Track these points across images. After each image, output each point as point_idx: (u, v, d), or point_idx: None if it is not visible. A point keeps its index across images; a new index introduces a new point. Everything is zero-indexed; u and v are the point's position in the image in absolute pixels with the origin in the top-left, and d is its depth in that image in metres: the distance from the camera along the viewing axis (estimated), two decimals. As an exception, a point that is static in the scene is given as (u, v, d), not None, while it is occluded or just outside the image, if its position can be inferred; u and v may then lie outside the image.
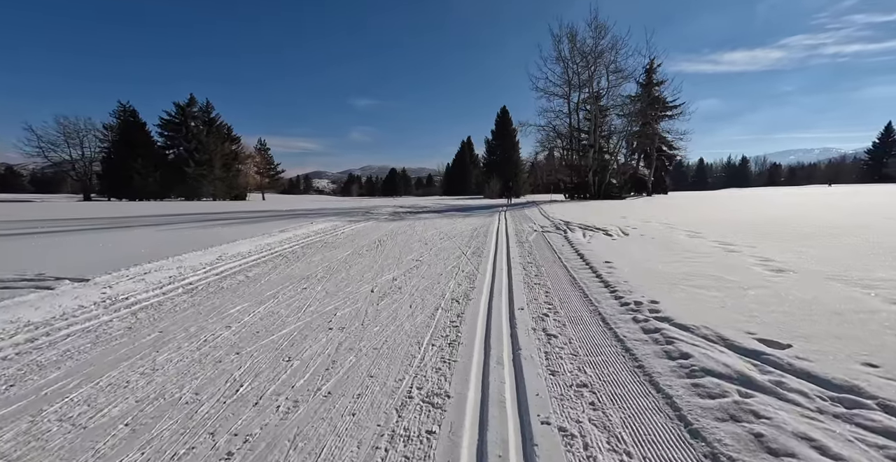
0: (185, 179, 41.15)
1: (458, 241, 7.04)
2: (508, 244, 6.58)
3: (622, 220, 9.15)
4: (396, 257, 5.58)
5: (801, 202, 13.52)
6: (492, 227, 9.27)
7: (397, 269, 4.82)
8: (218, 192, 45.21)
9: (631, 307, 3.02)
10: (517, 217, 12.19)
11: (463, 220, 11.03)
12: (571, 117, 26.04)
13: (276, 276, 4.45)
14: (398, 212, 15.42)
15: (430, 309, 3.33)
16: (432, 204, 24.29)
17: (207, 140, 43.91)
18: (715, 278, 3.70)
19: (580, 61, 23.64)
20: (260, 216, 12.33)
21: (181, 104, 42.69)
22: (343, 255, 5.78)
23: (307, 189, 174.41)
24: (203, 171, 42.42)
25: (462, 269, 4.84)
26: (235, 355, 2.41)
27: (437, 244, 6.71)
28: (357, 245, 6.61)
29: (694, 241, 5.72)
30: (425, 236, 7.70)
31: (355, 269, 4.88)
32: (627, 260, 4.67)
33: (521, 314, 3.14)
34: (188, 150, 42.17)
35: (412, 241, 7.02)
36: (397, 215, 13.33)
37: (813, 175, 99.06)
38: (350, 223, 9.97)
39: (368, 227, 9.18)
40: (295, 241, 6.85)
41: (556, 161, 36.96)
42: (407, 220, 11.52)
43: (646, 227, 7.55)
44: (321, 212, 15.04)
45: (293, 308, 3.34)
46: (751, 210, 10.74)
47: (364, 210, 16.19)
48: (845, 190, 25.91)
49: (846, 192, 22.23)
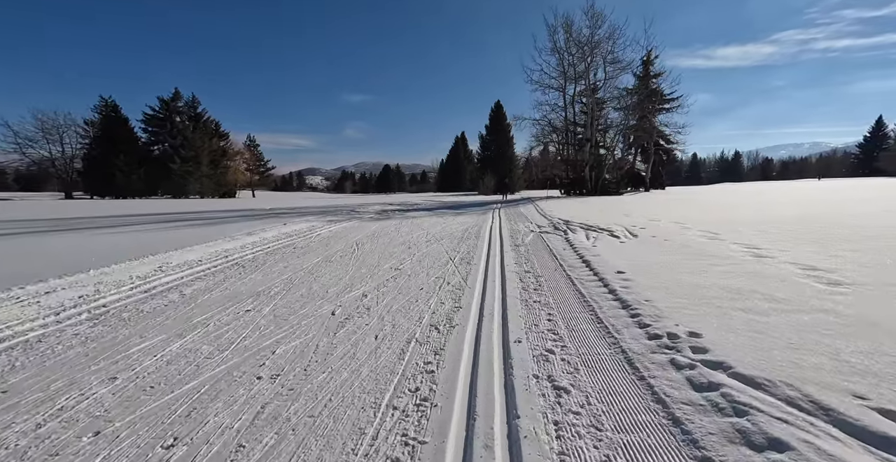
0: (171, 176, 39.97)
1: (447, 244, 6.28)
2: (502, 248, 5.82)
3: (626, 218, 8.42)
4: (373, 266, 4.80)
5: (813, 197, 12.90)
6: (484, 226, 8.51)
7: (371, 282, 4.05)
8: (205, 190, 44.06)
9: (664, 342, 2.27)
10: (512, 215, 11.44)
11: (454, 219, 10.26)
12: (567, 111, 25.31)
13: (219, 293, 3.65)
14: (386, 210, 14.60)
15: (401, 341, 2.56)
16: (424, 201, 23.49)
17: (194, 136, 42.69)
18: (760, 295, 2.97)
19: (576, 52, 22.87)
20: (235, 216, 11.47)
21: (165, 99, 41.40)
22: (311, 263, 4.99)
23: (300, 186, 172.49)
24: (189, 167, 41.23)
25: (448, 280, 4.07)
26: (92, 437, 1.62)
27: (423, 248, 5.93)
28: (331, 251, 5.81)
29: (715, 245, 4.99)
30: (410, 239, 6.92)
31: (321, 281, 4.10)
32: (644, 269, 3.93)
33: (519, 349, 2.38)
34: (173, 147, 40.95)
35: (394, 245, 6.25)
36: (384, 214, 12.52)
37: (804, 169, 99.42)
38: (330, 223, 9.15)
39: (349, 228, 8.38)
40: (260, 246, 6.04)
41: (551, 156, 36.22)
42: (394, 219, 10.72)
43: (655, 226, 6.82)
44: (303, 210, 14.20)
45: (221, 343, 2.55)
46: (763, 206, 10.08)
47: (350, 208, 15.36)
48: (846, 184, 25.42)
49: (850, 185, 21.72)
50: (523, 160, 61.02)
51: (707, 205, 11.49)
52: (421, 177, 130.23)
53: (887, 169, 52.03)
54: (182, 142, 41.41)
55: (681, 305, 2.84)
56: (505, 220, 9.78)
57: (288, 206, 17.46)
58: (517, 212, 12.66)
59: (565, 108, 25.21)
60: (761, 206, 10.32)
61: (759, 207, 9.78)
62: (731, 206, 10.79)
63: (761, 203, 11.28)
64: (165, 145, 41.45)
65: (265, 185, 67.03)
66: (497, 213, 12.37)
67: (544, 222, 8.86)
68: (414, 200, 24.51)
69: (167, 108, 41.44)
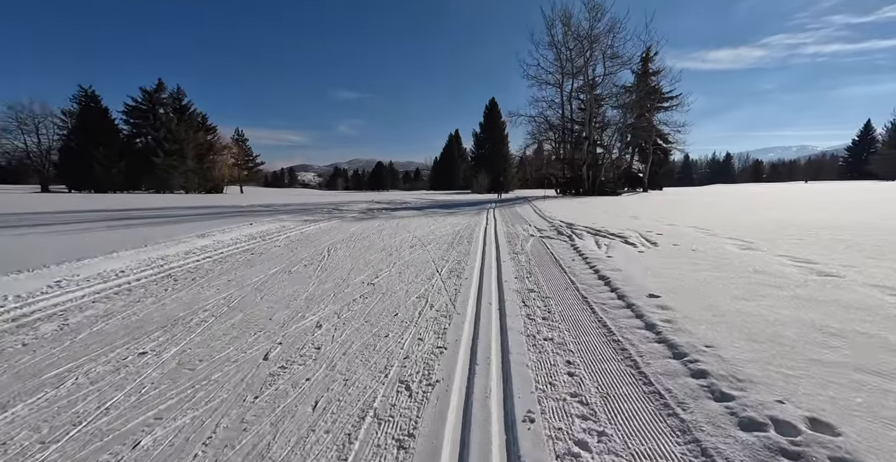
0: (154, 170, 38.53)
1: (434, 251, 5.37)
2: (499, 256, 4.93)
3: (635, 221, 7.57)
4: (341, 279, 3.88)
5: (828, 200, 12.20)
6: (478, 229, 7.61)
7: (333, 303, 3.13)
8: (190, 185, 42.69)
9: (780, 441, 1.38)
10: (508, 216, 10.56)
11: (444, 220, 9.35)
12: (564, 108, 24.50)
13: (118, 322, 2.71)
14: (372, 208, 13.64)
15: (352, 417, 1.66)
16: (415, 199, 22.55)
17: (178, 129, 41.22)
18: (877, 343, 2.10)
19: (574, 46, 22.03)
20: (205, 213, 10.43)
21: (148, 90, 39.85)
22: (265, 274, 4.05)
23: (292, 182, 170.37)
24: (173, 161, 39.80)
25: (432, 301, 3.17)
26: None
27: (406, 255, 5.02)
28: (295, 258, 4.87)
29: (757, 258, 4.15)
30: (393, 243, 6.01)
31: (268, 302, 3.17)
32: (682, 292, 3.06)
33: (531, 438, 1.49)
34: (157, 140, 39.46)
35: (373, 251, 5.32)
36: (369, 213, 11.56)
37: (794, 172, 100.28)
38: (305, 224, 8.18)
39: (325, 230, 7.43)
40: (209, 252, 5.08)
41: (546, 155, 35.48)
42: (378, 219, 9.78)
43: (673, 232, 5.97)
44: (282, 208, 13.19)
45: (60, 424, 1.62)
46: (784, 209, 9.32)
47: (335, 206, 14.37)
48: (844, 187, 24.95)
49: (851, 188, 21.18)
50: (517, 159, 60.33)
51: (717, 207, 10.73)
52: (415, 174, 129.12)
53: (878, 172, 52.20)
54: (166, 135, 39.93)
55: (764, 358, 1.96)
56: (500, 222, 8.90)
57: (269, 203, 16.40)
58: (513, 212, 11.78)
59: (562, 104, 24.41)
60: (779, 208, 9.56)
61: (778, 210, 9.01)
62: (745, 209, 10.01)
63: (777, 205, 10.54)
64: (148, 138, 39.94)
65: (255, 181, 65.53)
66: (492, 213, 11.49)
67: (544, 225, 7.99)
68: (404, 199, 23.55)
69: (150, 100, 39.91)
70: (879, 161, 53.71)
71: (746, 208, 10.03)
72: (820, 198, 13.88)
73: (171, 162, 39.44)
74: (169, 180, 39.63)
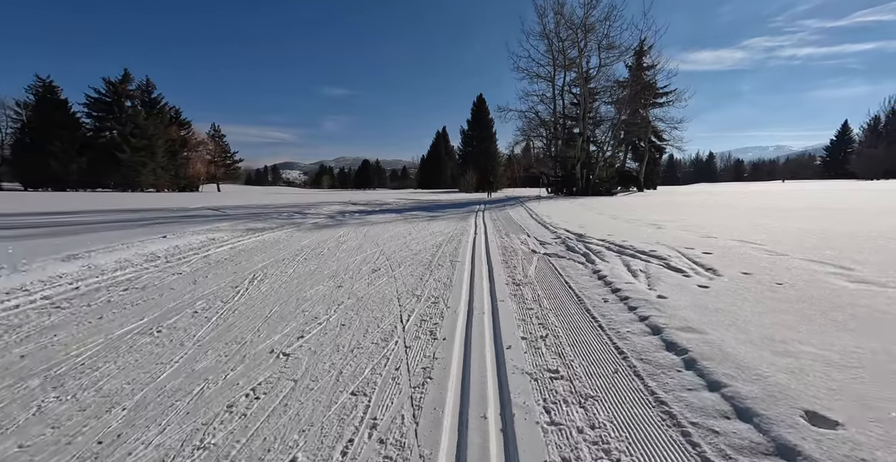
0: (120, 167, 36.02)
1: (403, 279, 3.81)
2: (493, 292, 3.39)
3: (658, 230, 6.13)
4: (236, 347, 2.30)
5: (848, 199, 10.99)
6: (465, 240, 6.08)
7: (196, 415, 1.55)
8: (161, 183, 40.30)
9: None
10: (501, 221, 9.06)
11: (426, 227, 7.79)
12: (556, 102, 23.12)
13: None
14: (345, 211, 11.98)
15: None
16: (396, 199, 20.91)
17: (147, 123, 38.74)
18: None
19: (568, 36, 20.63)
20: (123, 219, 8.57)
21: (112, 80, 37.22)
22: (104, 340, 2.44)
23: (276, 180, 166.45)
24: (142, 157, 37.37)
25: (381, 402, 1.62)
26: None
27: (360, 290, 3.46)
28: (188, 298, 3.24)
29: (878, 295, 2.71)
30: (350, 264, 4.43)
31: (37, 426, 1.57)
32: (857, 402, 1.56)
33: None
34: (122, 134, 36.90)
35: (316, 281, 3.74)
36: (337, 218, 9.91)
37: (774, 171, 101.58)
38: (245, 235, 6.51)
39: (267, 244, 5.79)
40: (56, 287, 3.42)
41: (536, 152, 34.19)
42: (346, 225, 8.16)
43: (721, 249, 4.51)
44: (232, 212, 11.44)
45: None
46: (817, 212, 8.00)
47: (301, 208, 12.65)
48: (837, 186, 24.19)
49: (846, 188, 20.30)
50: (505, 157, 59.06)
51: (736, 209, 9.40)
52: (402, 172, 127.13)
53: (857, 172, 52.59)
54: (133, 129, 37.41)
55: None
56: (492, 230, 7.38)
57: (226, 205, 14.54)
58: (506, 216, 10.28)
59: (554, 99, 23.04)
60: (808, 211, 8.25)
61: (810, 214, 7.69)
62: (768, 211, 8.67)
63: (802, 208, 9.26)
64: (113, 132, 37.32)
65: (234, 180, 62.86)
66: (481, 217, 9.97)
67: (545, 235, 6.50)
68: (385, 199, 21.88)
69: (115, 92, 37.27)
70: (859, 161, 54.09)
71: (770, 210, 8.70)
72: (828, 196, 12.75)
73: (138, 158, 37.00)
74: (136, 177, 37.19)
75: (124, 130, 36.88)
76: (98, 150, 35.53)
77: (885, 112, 57.24)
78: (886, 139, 52.64)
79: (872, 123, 58.50)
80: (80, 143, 34.68)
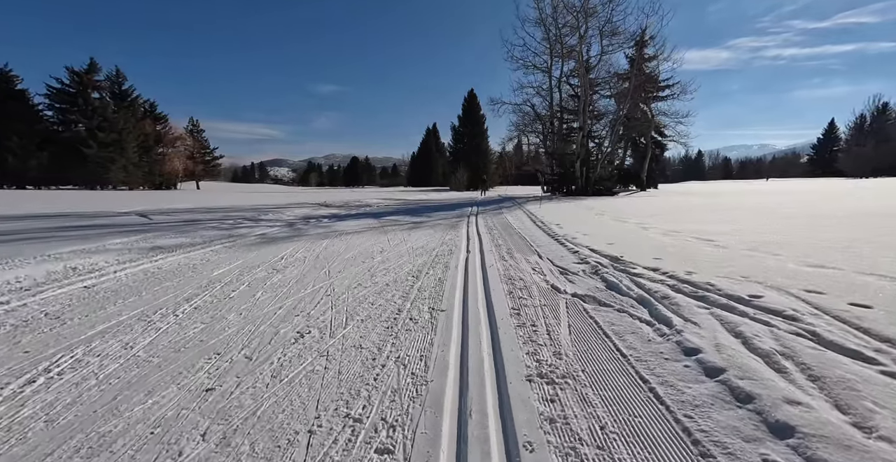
0: (86, 163, 33.60)
1: (342, 363, 2.07)
2: (504, 403, 1.67)
3: (726, 253, 4.47)
4: None
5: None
6: (453, 265, 4.36)
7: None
8: (133, 180, 37.91)
9: None
10: (498, 230, 7.36)
11: (404, 241, 6.05)
12: (553, 95, 21.46)
13: None
14: (311, 216, 10.13)
15: None
16: (380, 201, 19.09)
17: (117, 116, 36.29)
18: None
19: (567, 22, 18.94)
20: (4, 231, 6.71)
21: (77, 70, 34.67)
22: None
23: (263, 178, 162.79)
24: (111, 153, 34.93)
25: None
26: None
27: (247, 401, 1.70)
28: None
29: None
30: (260, 324, 2.67)
31: None
32: None
33: None
34: (89, 128, 34.43)
35: (164, 381, 1.97)
36: (297, 226, 8.06)
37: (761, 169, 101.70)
38: (139, 258, 4.65)
39: (158, 277, 3.97)
40: None
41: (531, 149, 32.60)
42: (301, 238, 6.37)
43: (863, 290, 2.85)
44: (161, 220, 9.56)
45: None
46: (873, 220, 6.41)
47: (260, 212, 10.75)
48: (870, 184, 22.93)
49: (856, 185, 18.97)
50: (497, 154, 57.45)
51: (772, 211, 7.82)
52: (392, 170, 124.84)
53: (845, 170, 52.24)
54: (100, 123, 34.94)
55: None
56: (490, 245, 5.67)
57: (172, 208, 12.56)
58: (503, 223, 8.58)
59: (551, 90, 21.36)
60: (868, 217, 6.66)
61: (865, 220, 6.10)
62: (825, 217, 7.07)
63: (860, 213, 7.68)
64: (79, 126, 34.81)
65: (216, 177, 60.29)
66: (473, 225, 8.24)
67: (564, 256, 4.81)
68: (368, 199, 20.02)
69: (80, 82, 34.74)
70: (847, 159, 53.66)
71: (821, 217, 7.11)
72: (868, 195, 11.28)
73: (106, 154, 34.58)
74: (104, 174, 34.78)
75: (91, 124, 34.43)
76: (61, 145, 33.06)
77: (871, 111, 57.16)
78: (874, 137, 52.33)
79: (858, 122, 58.40)
80: (40, 138, 32.15)
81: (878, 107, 56.93)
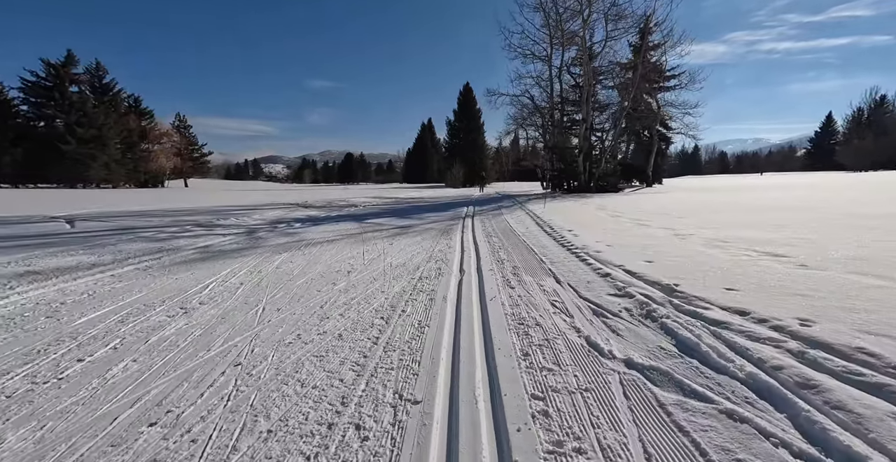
0: (63, 160, 32.07)
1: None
2: None
3: (824, 277, 3.30)
4: None
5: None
6: (442, 296, 3.15)
7: None
8: (115, 177, 36.40)
9: None
10: (499, 238, 6.15)
11: (383, 255, 4.84)
12: (553, 85, 20.18)
13: None
14: (283, 220, 8.86)
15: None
16: (368, 200, 17.79)
17: (97, 112, 34.69)
18: None
19: (569, 5, 17.61)
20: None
21: (53, 63, 33.01)
22: None
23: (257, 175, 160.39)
24: (91, 150, 33.39)
25: None
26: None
27: None
28: None
29: None
30: (95, 438, 1.43)
31: None
32: None
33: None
34: (67, 124, 32.86)
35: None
36: (259, 234, 6.79)
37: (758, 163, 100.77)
38: (15, 285, 3.44)
39: (7, 320, 2.76)
40: None
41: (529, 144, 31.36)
42: (254, 252, 5.11)
43: None
44: (80, 229, 8.30)
45: None
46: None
47: (221, 215, 9.47)
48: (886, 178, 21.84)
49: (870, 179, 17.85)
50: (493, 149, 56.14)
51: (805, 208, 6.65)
52: (387, 166, 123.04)
53: (845, 163, 51.43)
54: (79, 118, 33.35)
55: None
56: (490, 262, 4.46)
57: (116, 211, 11.25)
58: (505, 228, 7.36)
59: (551, 80, 20.07)
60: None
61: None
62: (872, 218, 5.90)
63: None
64: (56, 121, 33.22)
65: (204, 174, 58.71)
66: (470, 231, 7.02)
67: (593, 282, 3.61)
68: (355, 198, 18.70)
69: (57, 74, 33.09)
70: (847, 152, 52.74)
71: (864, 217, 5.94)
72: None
73: (86, 150, 33.03)
74: (84, 172, 33.26)
75: (69, 119, 32.85)
76: (37, 141, 31.50)
77: (868, 104, 56.47)
78: (873, 131, 51.56)
79: (856, 115, 57.67)
80: (14, 133, 30.57)
81: (875, 99, 56.26)
